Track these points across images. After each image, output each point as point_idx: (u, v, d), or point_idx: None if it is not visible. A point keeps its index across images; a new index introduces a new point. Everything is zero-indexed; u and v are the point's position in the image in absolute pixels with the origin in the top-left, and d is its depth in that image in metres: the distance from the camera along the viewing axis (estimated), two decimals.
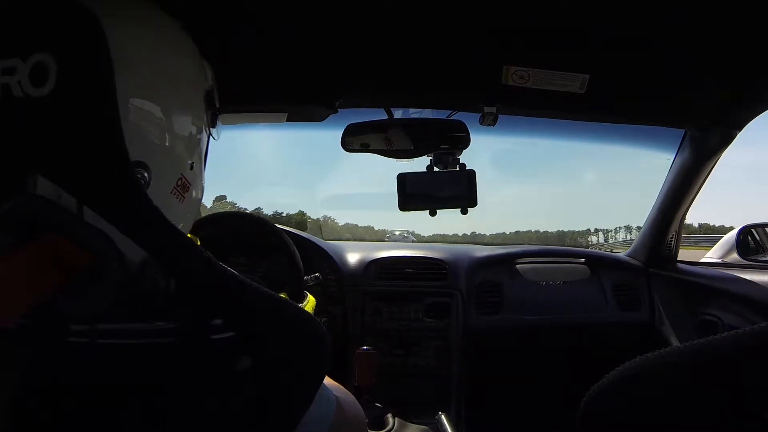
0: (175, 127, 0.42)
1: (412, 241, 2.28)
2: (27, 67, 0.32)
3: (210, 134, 0.49)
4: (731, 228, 1.55)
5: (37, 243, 0.33)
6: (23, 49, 0.32)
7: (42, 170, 0.33)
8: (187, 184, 0.45)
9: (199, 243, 0.37)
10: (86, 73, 0.32)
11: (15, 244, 0.33)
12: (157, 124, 0.40)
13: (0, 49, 0.33)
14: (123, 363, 0.36)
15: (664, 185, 1.33)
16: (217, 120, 0.50)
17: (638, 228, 1.52)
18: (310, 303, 0.92)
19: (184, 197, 0.44)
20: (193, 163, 0.45)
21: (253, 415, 0.37)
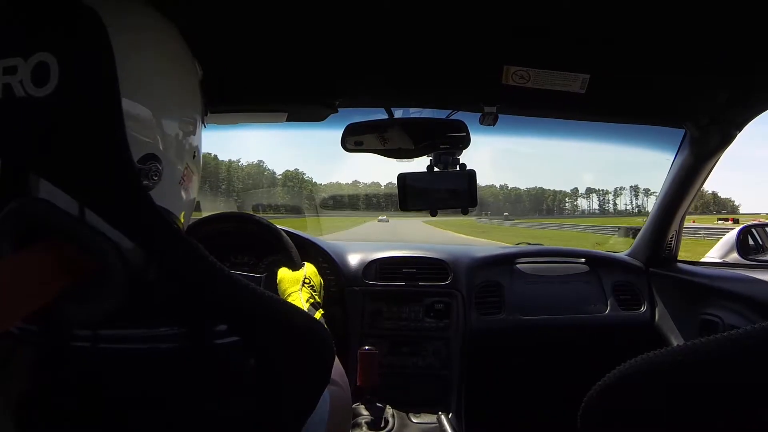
0: (181, 119, 0.43)
1: None
2: (29, 66, 0.31)
3: (203, 123, 0.50)
4: None
5: (38, 246, 0.33)
6: (25, 48, 0.32)
7: (43, 172, 0.33)
8: (191, 174, 0.45)
9: (200, 243, 0.37)
10: (89, 73, 0.32)
11: (16, 248, 0.33)
12: (164, 117, 0.40)
13: (1, 49, 0.32)
14: (126, 368, 0.36)
15: (664, 185, 1.33)
16: (207, 111, 0.51)
17: (645, 190, 1.51)
18: (309, 269, 0.90)
19: (189, 186, 0.45)
20: (195, 152, 0.46)
21: (257, 419, 0.37)
